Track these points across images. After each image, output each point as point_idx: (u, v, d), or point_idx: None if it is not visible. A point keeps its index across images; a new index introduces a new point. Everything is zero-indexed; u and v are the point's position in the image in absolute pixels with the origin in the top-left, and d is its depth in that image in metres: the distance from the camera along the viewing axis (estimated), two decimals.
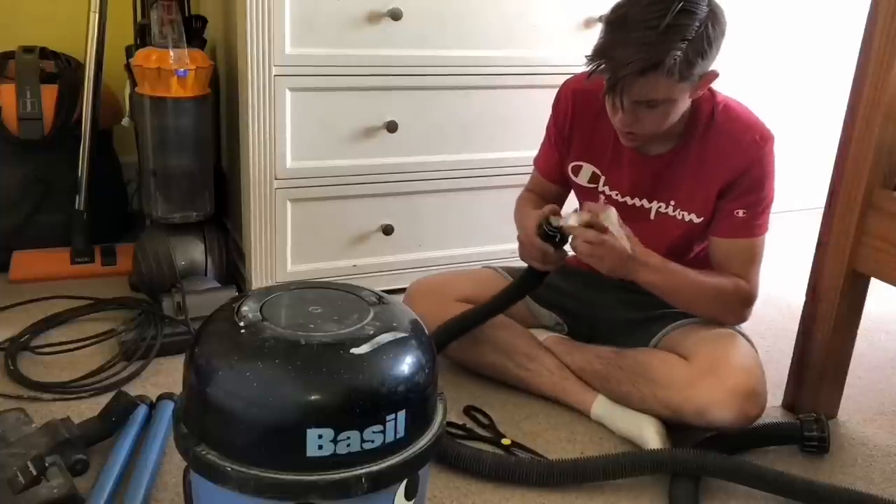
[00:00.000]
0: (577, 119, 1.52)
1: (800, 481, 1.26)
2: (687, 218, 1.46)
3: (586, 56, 1.31)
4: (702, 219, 1.45)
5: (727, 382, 1.32)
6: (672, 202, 1.46)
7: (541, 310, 1.63)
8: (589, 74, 1.31)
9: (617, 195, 1.51)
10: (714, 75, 1.34)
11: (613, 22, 1.28)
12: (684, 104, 1.35)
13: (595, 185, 1.53)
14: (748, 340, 1.46)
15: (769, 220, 1.44)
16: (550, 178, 1.61)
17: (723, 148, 1.40)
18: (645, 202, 1.49)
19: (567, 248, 1.39)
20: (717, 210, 1.43)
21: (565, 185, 1.61)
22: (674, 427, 1.40)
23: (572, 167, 1.55)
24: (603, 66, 1.28)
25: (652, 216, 1.48)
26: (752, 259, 1.43)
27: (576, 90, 1.53)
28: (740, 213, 1.41)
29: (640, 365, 1.43)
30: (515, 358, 1.55)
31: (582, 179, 1.54)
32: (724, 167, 1.40)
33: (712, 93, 1.42)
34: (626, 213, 1.49)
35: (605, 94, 1.31)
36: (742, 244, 1.43)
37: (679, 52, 1.23)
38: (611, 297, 1.57)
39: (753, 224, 1.42)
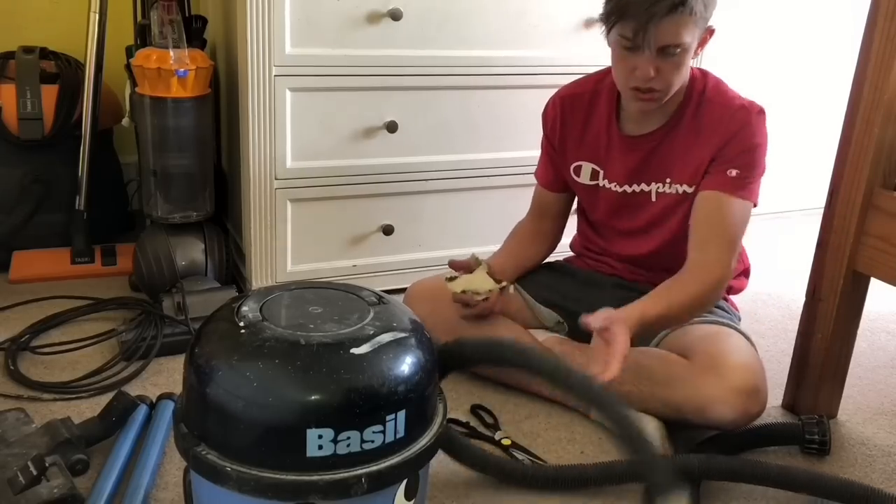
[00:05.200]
0: (567, 122, 1.55)
1: (803, 474, 1.26)
2: (681, 190, 1.47)
3: (600, 15, 1.35)
4: (693, 188, 1.46)
5: (728, 380, 1.33)
6: (668, 179, 1.48)
7: (542, 309, 1.63)
8: (609, 30, 1.35)
9: (616, 186, 1.52)
10: (712, 31, 1.39)
11: None
12: (691, 57, 1.37)
13: (596, 182, 1.55)
14: (748, 339, 1.46)
15: (758, 193, 1.43)
16: (550, 188, 1.64)
17: (714, 116, 1.43)
18: (644, 186, 1.50)
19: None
20: (708, 172, 1.43)
21: (567, 194, 1.64)
22: (674, 427, 1.40)
23: (573, 168, 1.57)
24: (626, 15, 1.30)
25: (653, 198, 1.50)
26: (730, 224, 1.41)
27: (563, 96, 1.56)
28: (732, 172, 1.40)
29: (640, 365, 1.43)
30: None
31: (584, 178, 1.56)
32: (715, 133, 1.42)
33: (703, 73, 1.46)
34: (628, 202, 1.52)
35: (629, 46, 1.33)
36: (726, 201, 1.40)
37: None
38: (611, 296, 1.57)
39: (743, 184, 1.40)
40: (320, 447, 0.86)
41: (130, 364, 1.57)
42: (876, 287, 1.46)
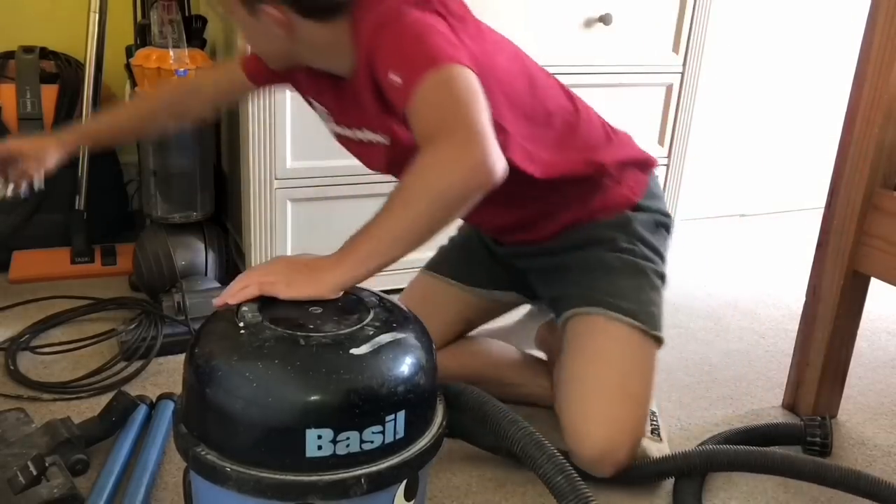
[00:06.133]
0: None
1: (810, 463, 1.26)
2: (377, 140, 1.23)
3: None
4: (388, 138, 1.20)
5: (584, 450, 1.24)
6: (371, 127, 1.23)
7: (496, 293, 1.52)
8: None
9: (344, 129, 1.30)
10: (273, 14, 1.10)
11: None
12: (261, 32, 1.14)
13: (331, 124, 1.35)
14: (644, 332, 1.30)
15: (441, 50, 1.02)
16: (255, 78, 1.37)
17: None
18: (370, 134, 1.24)
19: None
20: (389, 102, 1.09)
21: (259, 89, 1.43)
22: None
23: (308, 101, 1.36)
24: None
25: (386, 146, 1.23)
26: (442, 102, 1.00)
27: None
28: (396, 78, 1.03)
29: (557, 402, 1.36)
30: (508, 389, 1.47)
31: (321, 115, 1.36)
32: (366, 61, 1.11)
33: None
34: (363, 150, 1.31)
35: None
36: (419, 96, 1.00)
37: None
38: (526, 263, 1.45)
39: (415, 70, 1.01)
40: (319, 447, 0.86)
41: (130, 364, 1.57)
42: (876, 287, 1.46)
